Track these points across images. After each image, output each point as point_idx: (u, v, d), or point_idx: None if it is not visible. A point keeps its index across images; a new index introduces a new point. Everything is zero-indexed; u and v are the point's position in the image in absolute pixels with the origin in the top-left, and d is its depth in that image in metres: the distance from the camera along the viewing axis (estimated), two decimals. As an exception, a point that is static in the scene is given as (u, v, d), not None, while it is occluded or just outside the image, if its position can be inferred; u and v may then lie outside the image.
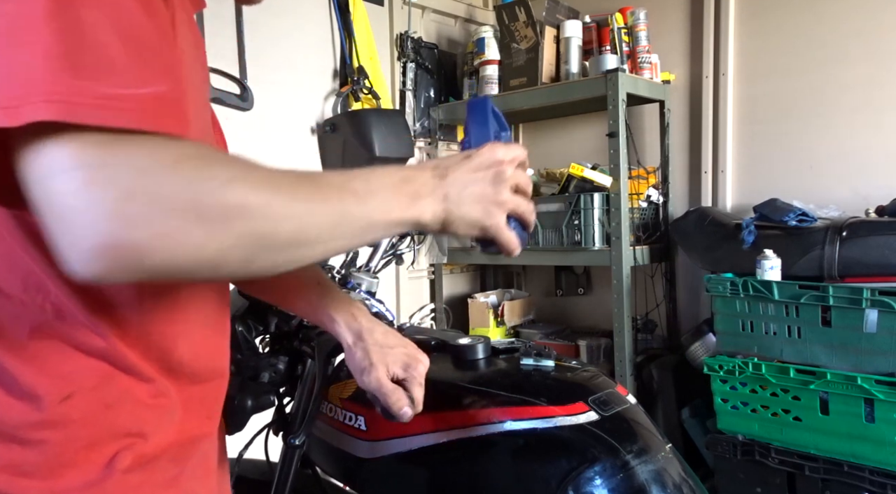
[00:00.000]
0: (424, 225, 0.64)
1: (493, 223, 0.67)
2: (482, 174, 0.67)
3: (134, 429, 0.63)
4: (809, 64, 2.27)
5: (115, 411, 0.62)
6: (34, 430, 0.58)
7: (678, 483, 0.85)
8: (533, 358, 0.96)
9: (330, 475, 1.03)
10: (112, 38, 0.49)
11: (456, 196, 0.65)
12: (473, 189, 0.66)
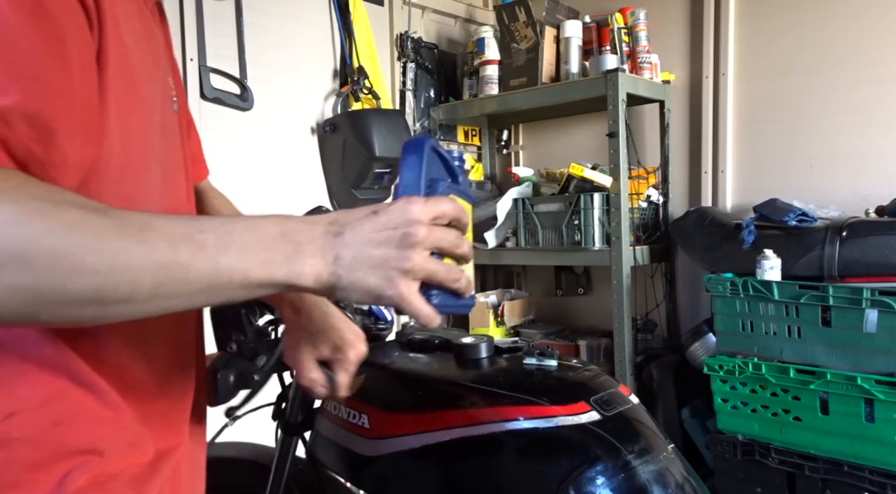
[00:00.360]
0: (304, 287, 0.56)
1: (395, 293, 0.57)
2: (386, 235, 0.57)
3: (87, 446, 0.59)
4: (809, 64, 2.27)
5: (65, 428, 0.58)
6: None
7: (680, 483, 0.85)
8: (536, 358, 0.96)
9: (335, 472, 1.03)
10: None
11: (349, 258, 0.56)
12: (372, 252, 0.56)
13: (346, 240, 0.56)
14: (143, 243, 0.49)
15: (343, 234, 0.57)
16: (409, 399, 0.95)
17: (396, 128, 2.31)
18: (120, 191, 0.60)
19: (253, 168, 2.19)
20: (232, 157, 2.13)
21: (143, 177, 0.65)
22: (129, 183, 0.62)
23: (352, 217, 0.58)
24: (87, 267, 0.47)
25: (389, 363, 1.03)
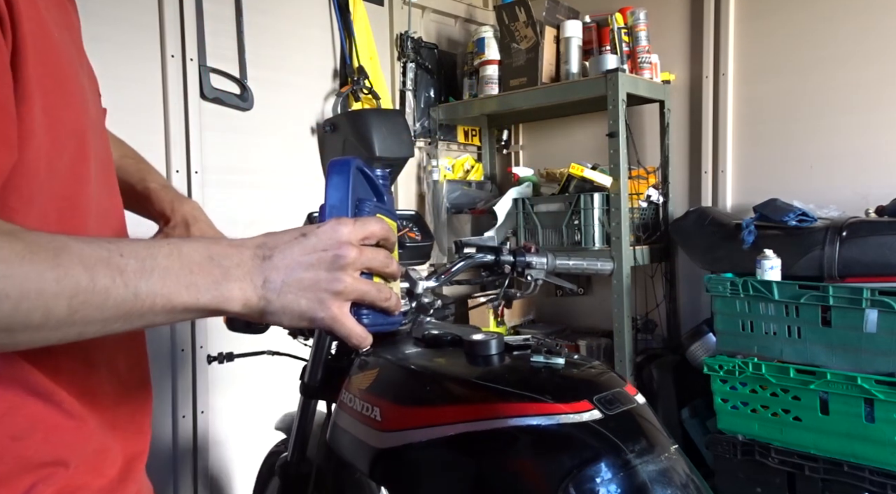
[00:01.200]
0: (232, 312, 0.55)
1: (327, 315, 0.57)
2: (316, 257, 0.57)
3: (50, 458, 0.57)
4: (810, 64, 2.28)
5: (24, 442, 0.55)
6: None
7: (682, 483, 0.85)
8: (543, 356, 0.97)
9: (351, 463, 1.06)
10: None
11: (279, 282, 0.56)
12: (303, 275, 0.56)
13: (275, 263, 0.56)
14: (58, 268, 0.47)
15: (272, 258, 0.56)
16: (418, 393, 0.97)
17: (396, 128, 2.31)
18: (56, 191, 0.58)
19: (253, 168, 2.19)
20: (232, 157, 2.13)
21: (80, 175, 0.63)
22: (64, 183, 0.60)
23: (280, 240, 0.57)
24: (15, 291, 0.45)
25: (402, 358, 1.05)
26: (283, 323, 0.58)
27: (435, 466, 0.92)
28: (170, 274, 0.52)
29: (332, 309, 0.57)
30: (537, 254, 1.25)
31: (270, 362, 2.17)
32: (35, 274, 0.46)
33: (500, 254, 1.24)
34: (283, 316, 0.57)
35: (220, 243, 0.56)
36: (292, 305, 0.56)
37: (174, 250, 0.53)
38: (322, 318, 0.57)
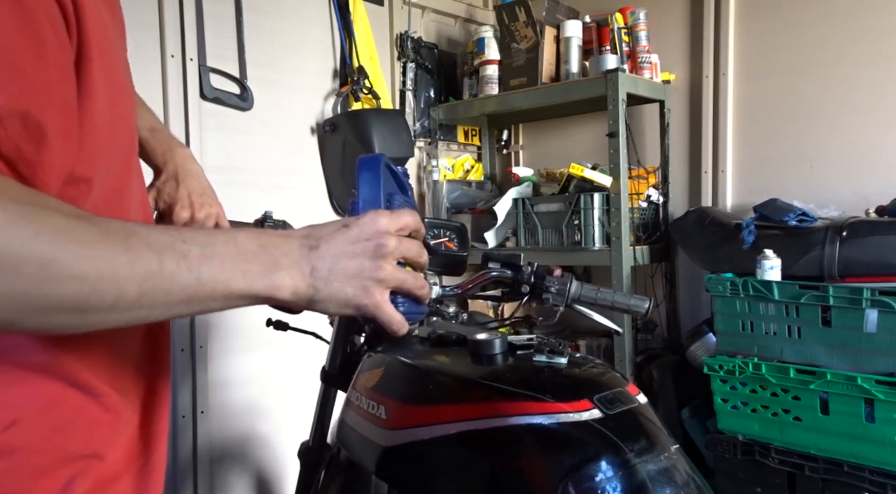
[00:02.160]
0: (281, 300, 0.57)
1: (370, 302, 0.60)
2: (360, 247, 0.59)
3: (88, 451, 0.58)
4: (809, 64, 2.28)
5: (66, 434, 0.57)
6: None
7: (682, 482, 0.85)
8: (546, 355, 0.97)
9: (358, 461, 1.07)
10: None
11: (326, 271, 0.58)
12: (348, 264, 0.59)
13: (321, 253, 0.58)
14: (130, 251, 0.48)
15: (318, 248, 0.58)
16: (422, 391, 0.98)
17: (396, 128, 2.31)
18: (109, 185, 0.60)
19: (253, 168, 2.19)
20: (232, 157, 2.13)
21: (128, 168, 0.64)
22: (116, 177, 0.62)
23: (325, 231, 0.60)
24: (74, 274, 0.46)
25: (407, 356, 1.06)
26: (330, 310, 0.60)
27: (438, 464, 0.93)
28: (227, 261, 0.53)
29: (376, 297, 0.60)
30: (559, 279, 1.15)
31: (271, 362, 2.18)
32: (110, 257, 0.47)
33: (520, 273, 1.20)
34: (330, 303, 0.59)
35: (269, 234, 0.58)
36: (338, 293, 0.59)
37: (230, 238, 0.55)
38: (366, 305, 0.60)
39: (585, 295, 1.16)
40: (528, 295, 1.19)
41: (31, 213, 0.45)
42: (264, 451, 2.22)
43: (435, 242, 1.29)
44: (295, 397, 2.20)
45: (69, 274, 0.46)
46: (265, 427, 2.21)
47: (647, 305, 1.13)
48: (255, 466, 2.21)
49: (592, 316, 1.21)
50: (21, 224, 0.44)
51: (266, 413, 2.20)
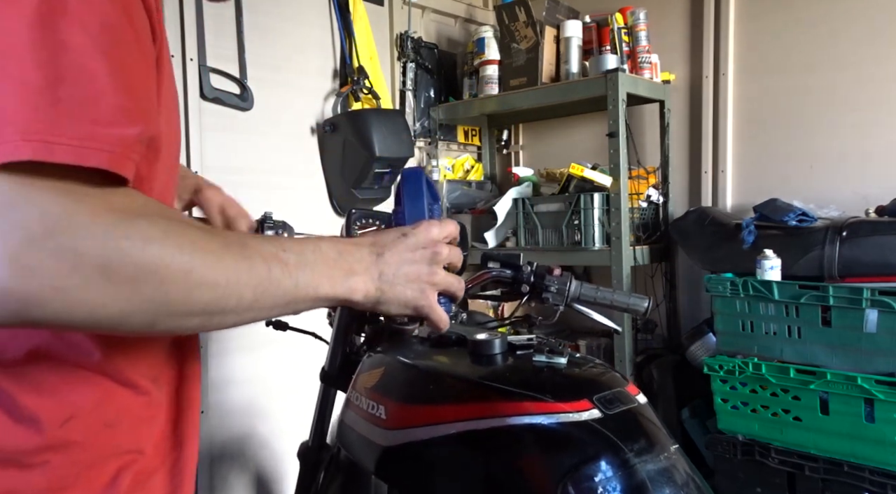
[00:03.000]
0: (355, 302, 0.63)
1: (427, 303, 0.68)
2: (419, 254, 0.67)
3: (133, 446, 0.62)
4: (809, 63, 2.28)
5: (114, 429, 0.61)
6: (35, 454, 0.56)
7: (682, 482, 0.85)
8: (546, 355, 0.98)
9: (358, 461, 1.07)
10: (99, 64, 0.47)
11: (391, 275, 0.65)
12: (409, 269, 0.66)
13: (386, 259, 0.65)
14: (247, 260, 0.54)
15: (383, 255, 0.65)
16: (422, 392, 0.98)
17: (396, 128, 2.31)
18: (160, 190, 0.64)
19: (253, 168, 2.19)
20: (232, 157, 2.13)
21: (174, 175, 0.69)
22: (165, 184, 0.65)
23: (387, 239, 0.67)
24: (208, 282, 0.51)
25: (406, 356, 1.06)
26: (391, 311, 0.67)
27: (438, 464, 0.93)
28: (316, 267, 0.60)
29: (430, 298, 0.68)
30: (559, 279, 1.15)
31: (271, 362, 2.18)
32: (234, 266, 0.53)
33: (519, 273, 1.20)
34: (392, 305, 0.66)
35: (343, 242, 0.65)
36: (400, 296, 0.66)
37: (316, 247, 0.61)
38: (423, 306, 0.68)
39: (585, 294, 1.16)
40: (528, 295, 1.19)
41: (174, 228, 0.50)
42: (264, 451, 2.22)
43: None
44: (295, 397, 2.20)
45: (204, 281, 0.51)
46: (265, 427, 2.21)
47: (646, 304, 1.14)
48: (255, 466, 2.21)
49: (592, 316, 1.21)
50: (168, 238, 0.49)
51: (266, 414, 2.20)
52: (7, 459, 0.55)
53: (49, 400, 0.57)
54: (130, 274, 0.46)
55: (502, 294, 1.26)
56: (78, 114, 0.46)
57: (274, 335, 1.39)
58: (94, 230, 0.45)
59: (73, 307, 0.45)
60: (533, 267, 1.19)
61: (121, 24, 0.50)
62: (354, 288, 0.62)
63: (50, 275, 0.44)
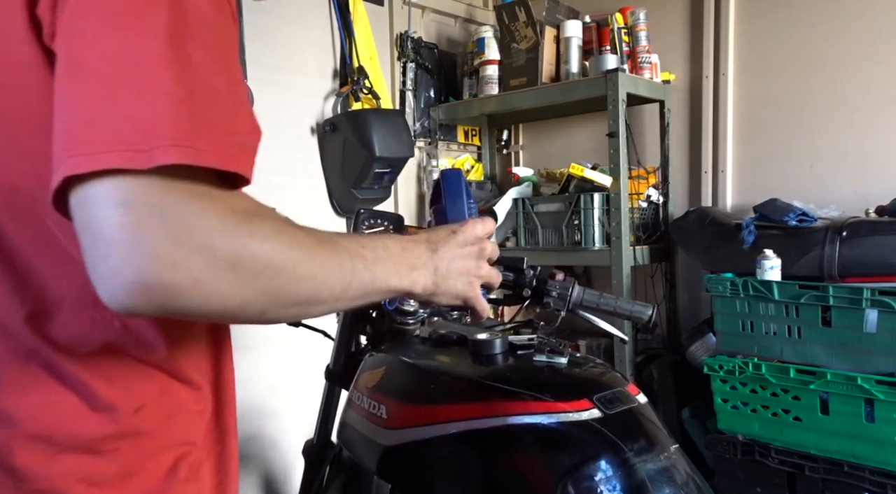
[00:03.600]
0: (415, 294, 0.69)
1: (474, 294, 0.75)
2: (467, 250, 0.75)
3: (187, 438, 0.67)
4: (809, 64, 2.28)
5: (174, 421, 0.66)
6: (109, 441, 0.61)
7: (681, 482, 0.85)
8: (546, 355, 0.98)
9: (359, 460, 1.07)
10: (219, 79, 0.53)
11: (444, 269, 0.72)
12: (459, 264, 0.73)
13: (440, 255, 0.72)
14: (337, 255, 0.60)
15: (438, 251, 0.72)
16: (423, 391, 0.98)
17: (396, 128, 2.31)
18: None
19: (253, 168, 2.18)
20: (232, 157, 2.13)
21: None
22: None
23: (440, 236, 0.74)
24: (310, 275, 0.56)
25: (408, 356, 1.06)
26: (443, 301, 0.73)
27: (438, 463, 0.94)
28: (387, 262, 0.65)
29: (476, 290, 0.76)
30: (561, 284, 1.14)
31: (274, 361, 2.18)
32: (328, 261, 0.59)
33: (522, 276, 1.20)
34: (444, 296, 0.73)
35: (403, 239, 0.70)
36: (452, 288, 0.73)
37: (384, 244, 0.67)
38: (471, 297, 0.75)
39: (588, 300, 1.14)
40: (530, 299, 1.18)
41: (282, 227, 0.55)
42: (272, 451, 2.22)
43: None
44: (302, 396, 2.20)
45: (307, 275, 0.56)
46: (272, 426, 2.21)
47: (649, 312, 1.12)
48: (263, 466, 2.21)
49: (597, 323, 1.19)
50: (280, 237, 0.54)
51: (273, 413, 2.20)
52: (83, 446, 0.60)
53: (121, 390, 0.61)
54: (251, 268, 0.51)
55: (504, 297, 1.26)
56: (213, 124, 0.51)
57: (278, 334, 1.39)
58: (224, 229, 0.50)
59: (207, 298, 0.50)
60: (535, 272, 1.19)
61: (230, 39, 0.56)
62: (416, 282, 0.68)
63: (190, 269, 0.48)
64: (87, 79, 0.49)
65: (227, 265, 0.50)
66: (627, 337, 1.42)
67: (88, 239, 0.48)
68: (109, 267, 0.47)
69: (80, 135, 0.48)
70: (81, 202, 0.48)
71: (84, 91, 0.48)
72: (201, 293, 0.49)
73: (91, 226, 0.47)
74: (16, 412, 0.58)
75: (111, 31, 0.49)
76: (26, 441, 0.58)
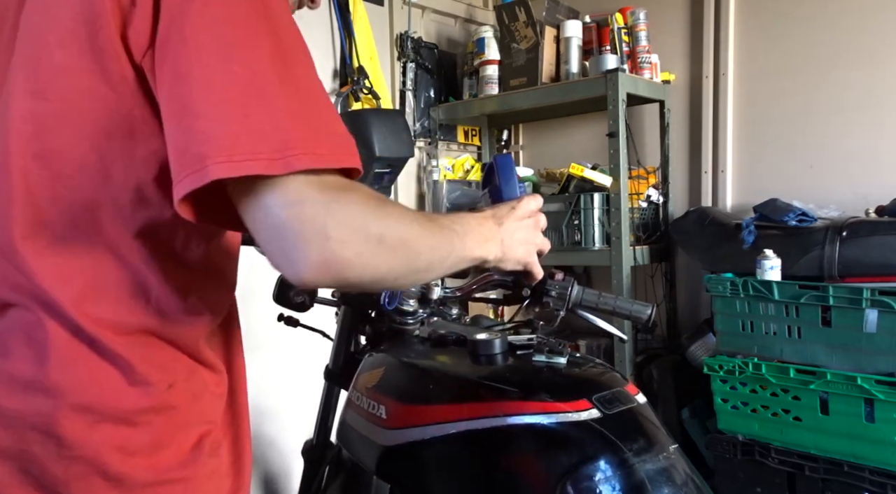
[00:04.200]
0: (488, 262, 0.81)
1: (532, 260, 0.88)
2: (525, 223, 0.86)
3: (210, 417, 0.74)
4: (809, 64, 2.28)
5: (199, 400, 0.73)
6: (143, 414, 0.67)
7: (681, 482, 0.85)
8: (545, 355, 0.98)
9: (359, 460, 1.07)
10: (315, 88, 0.62)
11: (509, 240, 0.83)
12: (520, 234, 0.85)
13: (505, 227, 0.83)
14: (440, 230, 0.71)
15: (503, 224, 0.83)
16: (422, 391, 0.98)
17: (396, 128, 2.30)
18: None
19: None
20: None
21: None
22: None
23: (502, 212, 0.85)
24: (428, 247, 0.68)
25: (407, 356, 1.06)
26: (507, 267, 0.84)
27: (438, 464, 0.94)
28: (470, 236, 0.76)
29: (534, 256, 0.88)
30: (560, 284, 1.13)
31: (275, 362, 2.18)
32: (437, 235, 0.70)
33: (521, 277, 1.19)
34: (509, 263, 0.84)
35: (476, 216, 0.81)
36: (515, 255, 0.84)
37: (465, 220, 0.77)
38: (530, 262, 0.87)
39: (587, 299, 1.14)
40: (529, 299, 1.18)
41: (405, 208, 0.67)
42: (270, 451, 2.22)
43: None
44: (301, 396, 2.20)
45: (427, 247, 0.67)
46: (272, 426, 2.21)
47: (649, 312, 1.11)
48: (263, 466, 2.21)
49: (596, 323, 1.19)
50: (405, 216, 0.65)
51: (273, 413, 2.20)
52: (121, 417, 0.66)
53: (156, 368, 0.68)
54: (392, 242, 0.62)
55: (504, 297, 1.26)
56: (323, 130, 0.60)
57: (278, 335, 1.39)
58: (369, 213, 0.61)
59: (366, 268, 0.60)
60: None
61: (308, 53, 0.64)
62: (490, 251, 0.79)
63: (354, 246, 0.59)
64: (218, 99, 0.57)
65: (377, 241, 0.60)
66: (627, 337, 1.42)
67: (270, 233, 0.58)
68: (298, 251, 0.57)
69: (223, 144, 0.56)
70: (257, 204, 0.57)
71: (218, 109, 0.57)
72: (362, 264, 0.60)
73: (274, 223, 0.57)
74: (63, 384, 0.64)
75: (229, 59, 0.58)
76: (70, 411, 0.64)
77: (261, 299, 1.33)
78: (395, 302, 1.16)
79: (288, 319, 1.35)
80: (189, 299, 0.70)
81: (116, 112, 0.63)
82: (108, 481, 0.65)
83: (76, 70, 0.62)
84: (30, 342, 0.65)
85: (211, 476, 0.73)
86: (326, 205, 0.58)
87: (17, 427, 0.65)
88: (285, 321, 1.36)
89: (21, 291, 0.65)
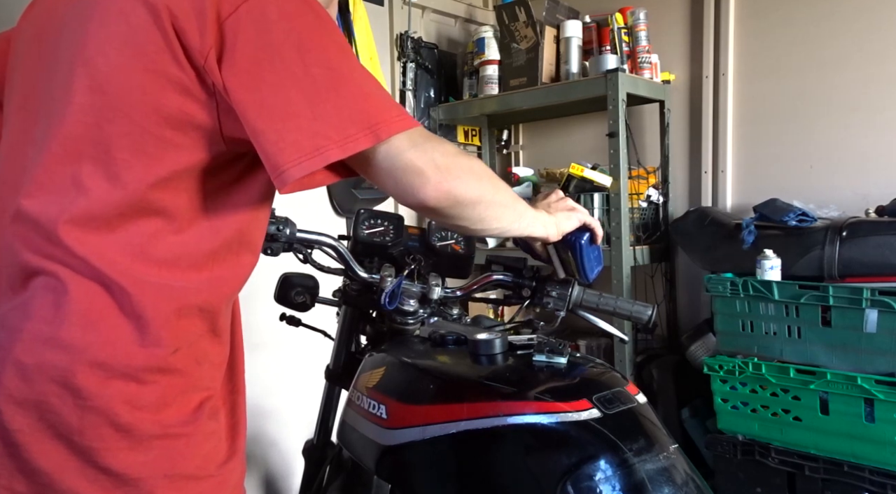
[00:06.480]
0: (543, 239, 1.05)
1: (582, 215, 1.07)
2: (561, 203, 1.08)
3: (210, 384, 0.81)
4: (809, 64, 2.28)
5: (201, 366, 0.80)
6: (150, 373, 0.74)
7: (681, 482, 0.85)
8: (545, 355, 0.98)
9: (359, 460, 1.07)
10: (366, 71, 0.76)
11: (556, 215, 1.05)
12: (560, 206, 1.07)
13: (551, 209, 1.06)
14: (512, 198, 0.93)
15: (550, 207, 1.06)
16: (422, 391, 0.98)
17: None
18: None
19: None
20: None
21: None
22: None
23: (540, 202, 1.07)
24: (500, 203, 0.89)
25: (407, 356, 1.06)
26: (568, 228, 1.06)
27: (438, 463, 0.94)
28: (529, 216, 0.99)
29: (582, 215, 1.08)
30: (560, 284, 1.14)
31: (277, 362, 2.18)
32: (508, 195, 0.92)
33: (521, 277, 1.20)
34: (565, 225, 1.05)
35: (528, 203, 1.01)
36: (566, 220, 1.05)
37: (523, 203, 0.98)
38: (581, 218, 1.07)
39: (587, 300, 1.15)
40: (530, 300, 1.18)
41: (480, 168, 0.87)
42: (270, 451, 2.22)
43: (441, 244, 1.30)
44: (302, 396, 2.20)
45: (501, 202, 0.90)
46: (273, 426, 2.21)
47: (649, 312, 1.12)
48: (261, 465, 2.21)
49: (597, 323, 1.19)
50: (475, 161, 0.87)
51: (274, 413, 2.20)
52: (131, 374, 0.73)
53: (167, 331, 0.75)
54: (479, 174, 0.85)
55: (504, 297, 1.26)
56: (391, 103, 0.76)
57: (278, 335, 1.39)
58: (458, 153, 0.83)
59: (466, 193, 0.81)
60: (536, 272, 1.20)
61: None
62: (544, 229, 1.02)
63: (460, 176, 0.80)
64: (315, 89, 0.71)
65: (469, 170, 0.81)
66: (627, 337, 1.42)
67: (401, 175, 0.76)
68: (429, 184, 0.76)
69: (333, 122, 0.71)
70: (388, 156, 0.75)
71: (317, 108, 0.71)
72: (464, 190, 0.80)
73: (405, 166, 0.75)
74: (81, 342, 0.71)
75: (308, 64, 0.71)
76: (86, 366, 0.71)
77: (263, 299, 1.33)
78: (396, 302, 1.16)
79: (290, 319, 1.36)
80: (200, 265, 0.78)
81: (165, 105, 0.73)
82: (117, 431, 0.72)
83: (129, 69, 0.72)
84: (54, 305, 0.72)
85: (209, 437, 0.80)
86: (425, 148, 0.76)
87: (37, 380, 0.71)
88: (287, 320, 1.36)
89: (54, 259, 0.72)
